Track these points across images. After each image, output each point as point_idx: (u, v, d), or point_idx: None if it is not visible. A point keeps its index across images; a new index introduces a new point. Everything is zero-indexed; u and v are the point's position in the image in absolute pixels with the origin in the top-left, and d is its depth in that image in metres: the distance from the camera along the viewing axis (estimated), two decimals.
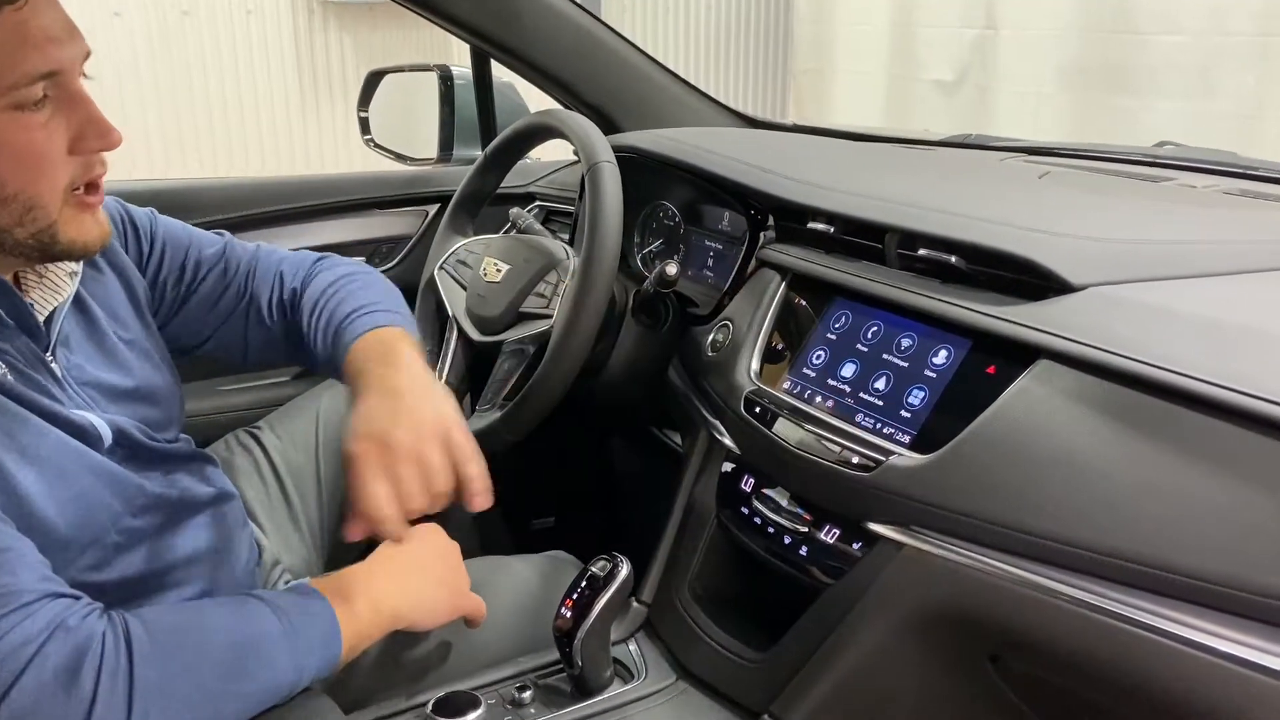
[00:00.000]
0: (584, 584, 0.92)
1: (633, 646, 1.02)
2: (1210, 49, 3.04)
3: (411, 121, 1.71)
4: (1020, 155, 1.29)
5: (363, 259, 1.61)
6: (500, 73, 1.62)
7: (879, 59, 4.24)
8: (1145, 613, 0.68)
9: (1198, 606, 0.66)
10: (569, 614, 0.91)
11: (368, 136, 1.72)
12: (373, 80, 1.70)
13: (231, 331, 1.06)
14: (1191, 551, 0.67)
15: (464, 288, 1.21)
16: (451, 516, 1.49)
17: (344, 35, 4.31)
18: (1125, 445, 0.71)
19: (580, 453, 1.69)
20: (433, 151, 1.67)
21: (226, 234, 1.08)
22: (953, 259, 0.89)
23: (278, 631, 0.78)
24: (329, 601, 0.84)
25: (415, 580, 0.92)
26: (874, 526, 0.84)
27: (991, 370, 0.82)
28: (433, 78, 1.66)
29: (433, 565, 0.94)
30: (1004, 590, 0.75)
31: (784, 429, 0.93)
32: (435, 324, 1.25)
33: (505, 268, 1.15)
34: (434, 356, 1.23)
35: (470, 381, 1.21)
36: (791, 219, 1.08)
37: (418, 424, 0.83)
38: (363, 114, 1.71)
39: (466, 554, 1.12)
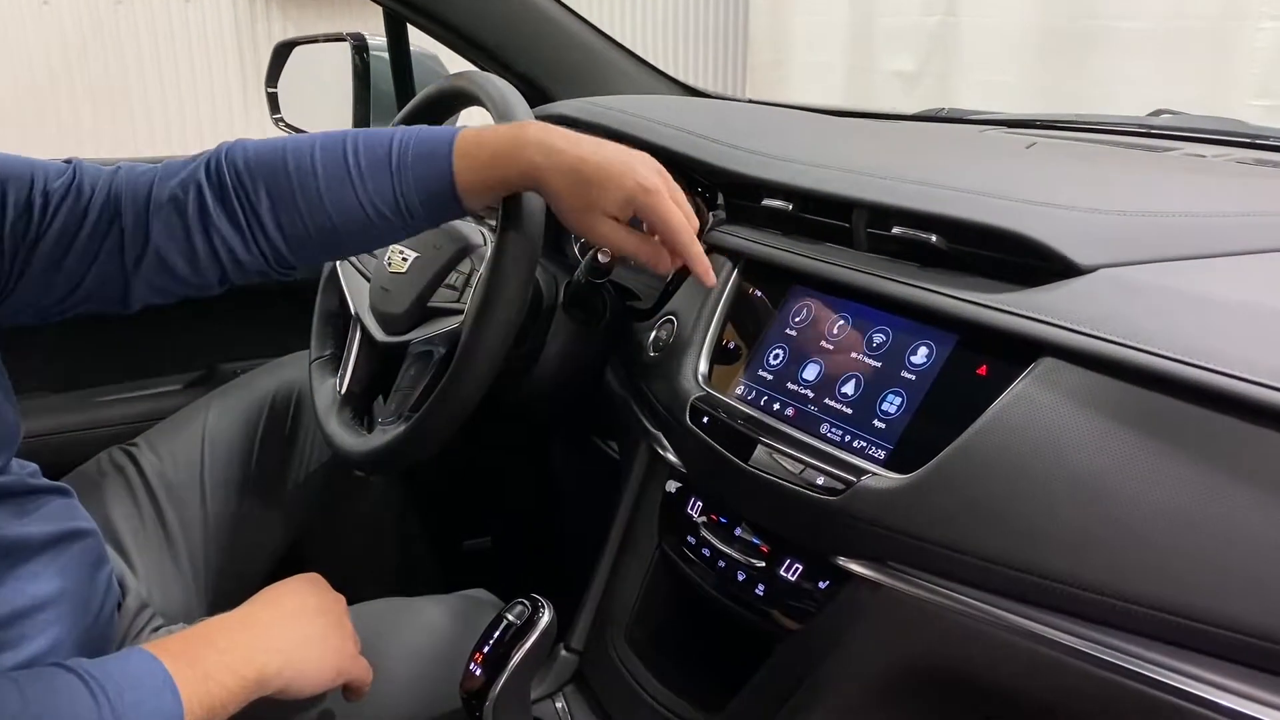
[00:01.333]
0: (497, 634, 0.76)
1: (559, 704, 0.86)
2: (1173, 34, 2.96)
3: (325, 98, 1.54)
4: (1000, 128, 1.16)
5: None
6: (425, 43, 1.46)
7: (838, 50, 4.14)
8: (1185, 677, 0.54)
9: (1253, 670, 0.52)
10: (479, 671, 0.76)
11: (277, 115, 1.54)
12: (282, 52, 1.53)
13: (105, 268, 0.83)
14: (1244, 600, 0.53)
15: (368, 280, 1.05)
16: (368, 539, 1.34)
17: (288, 25, 4.11)
18: (1154, 463, 0.57)
19: (519, 463, 1.53)
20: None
21: (75, 158, 0.87)
22: (933, 238, 0.74)
23: (92, 715, 0.62)
24: (169, 667, 0.67)
25: (289, 636, 0.75)
26: (844, 562, 0.70)
27: (983, 371, 0.68)
28: (348, 49, 1.49)
29: (311, 620, 0.78)
30: (1003, 642, 0.61)
31: (736, 442, 0.79)
32: (338, 323, 1.09)
33: (412, 256, 0.99)
34: (335, 359, 1.07)
35: (375, 388, 1.05)
36: (744, 196, 0.93)
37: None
38: (271, 90, 1.53)
39: (381, 587, 0.97)
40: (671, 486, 0.88)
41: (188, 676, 0.67)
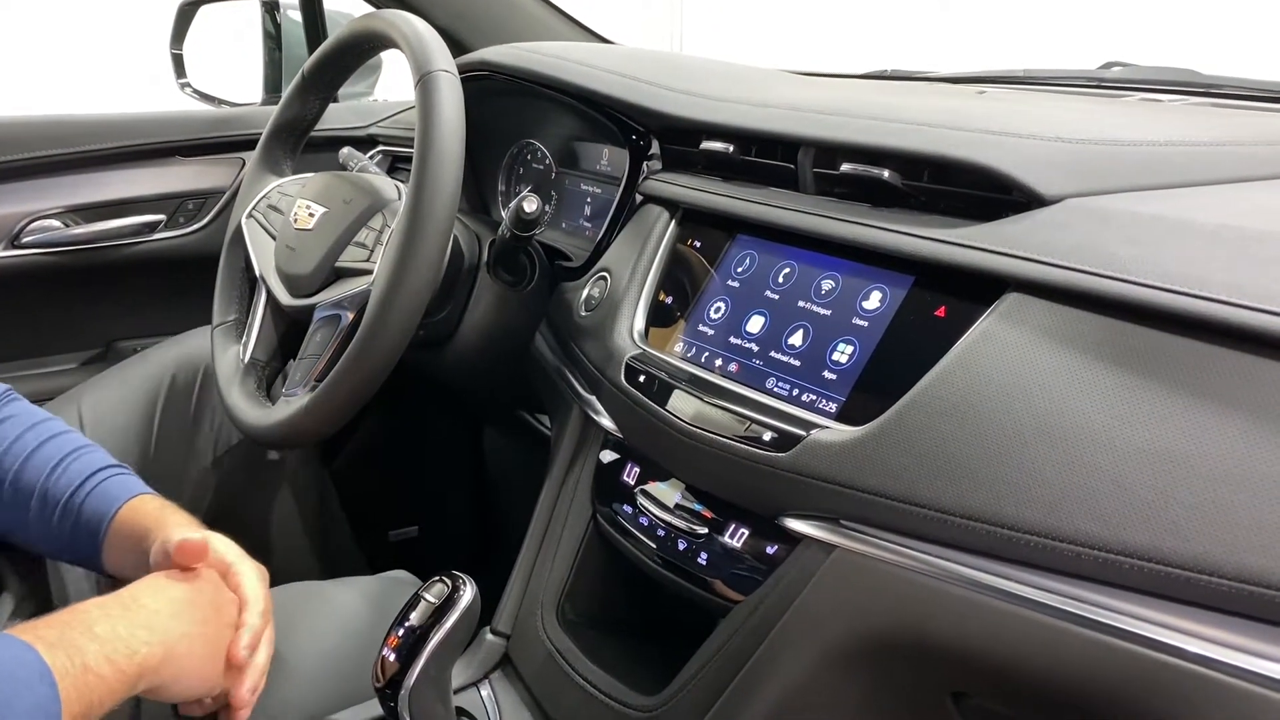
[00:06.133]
0: (414, 615, 0.69)
1: (485, 691, 0.79)
2: None
3: (235, 60, 1.45)
4: (947, 83, 1.11)
5: (163, 218, 1.36)
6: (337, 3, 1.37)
7: None
8: (1179, 633, 0.48)
9: (1256, 623, 0.47)
10: (393, 656, 0.68)
11: (183, 80, 1.44)
12: (187, 12, 1.43)
13: None
14: (1242, 546, 0.47)
15: (274, 238, 0.96)
16: (284, 532, 1.25)
17: None
18: (1136, 400, 0.51)
19: (447, 446, 1.45)
20: (258, 95, 1.41)
21: None
22: (885, 174, 0.68)
23: None
24: (45, 656, 0.58)
25: (172, 627, 0.65)
26: (794, 524, 0.64)
27: (941, 312, 0.63)
28: (257, 8, 1.40)
29: (199, 615, 0.68)
30: (971, 604, 0.55)
31: (676, 402, 0.72)
32: (244, 284, 1.00)
33: (320, 211, 0.91)
34: (240, 325, 0.98)
35: (282, 356, 0.96)
36: (681, 140, 0.87)
37: None
38: (176, 52, 1.43)
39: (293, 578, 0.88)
40: (606, 455, 0.81)
41: (65, 668, 0.58)
